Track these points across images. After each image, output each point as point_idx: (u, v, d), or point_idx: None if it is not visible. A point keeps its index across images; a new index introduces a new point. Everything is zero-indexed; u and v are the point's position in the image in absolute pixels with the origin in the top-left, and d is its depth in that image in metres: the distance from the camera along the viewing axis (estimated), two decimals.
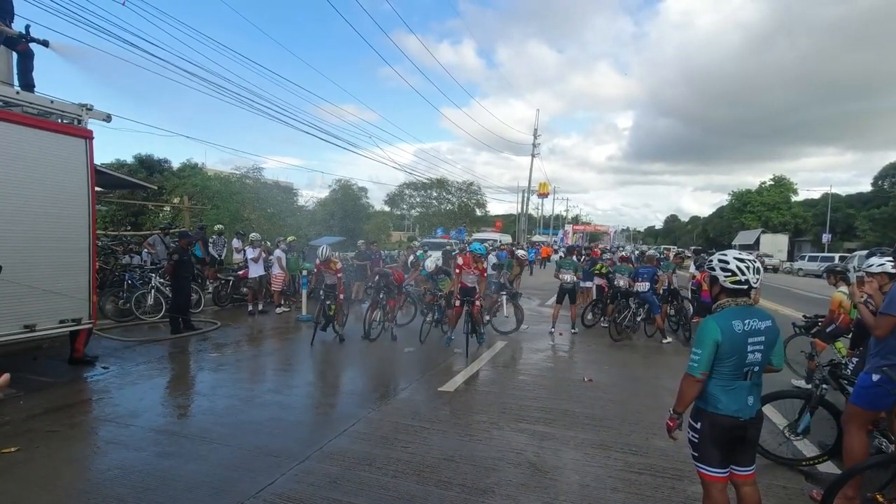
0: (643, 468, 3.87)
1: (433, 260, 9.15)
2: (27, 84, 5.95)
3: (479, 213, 46.49)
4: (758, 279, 2.50)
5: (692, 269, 11.09)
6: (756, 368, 2.47)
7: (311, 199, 29.32)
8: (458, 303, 8.05)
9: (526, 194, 44.28)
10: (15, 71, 6.25)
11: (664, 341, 8.83)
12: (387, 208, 43.54)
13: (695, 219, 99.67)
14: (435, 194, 43.90)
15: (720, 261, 2.55)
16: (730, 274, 2.49)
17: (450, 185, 43.50)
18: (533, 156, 42.27)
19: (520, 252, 13.96)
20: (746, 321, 2.44)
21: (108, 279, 10.37)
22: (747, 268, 2.47)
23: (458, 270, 8.19)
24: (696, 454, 2.57)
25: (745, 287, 2.49)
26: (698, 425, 2.53)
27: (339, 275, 8.18)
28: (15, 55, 6.14)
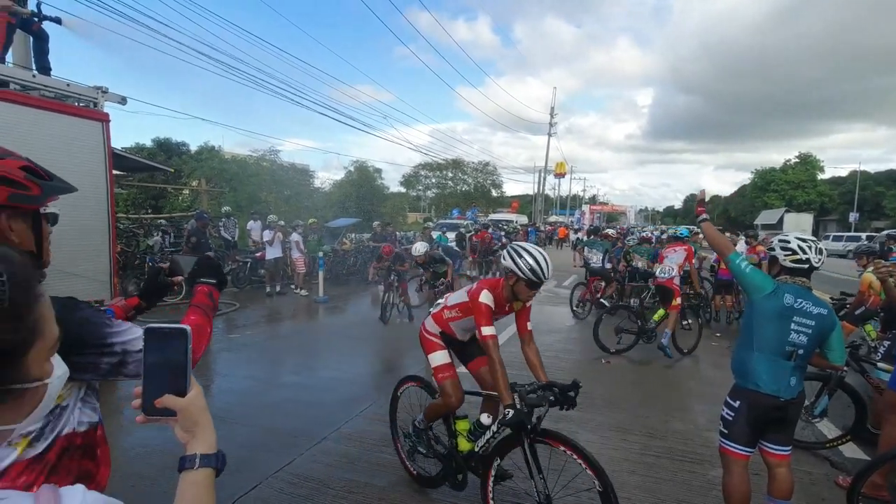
0: (662, 451, 3.82)
1: (423, 245, 7.94)
2: (43, 67, 5.97)
3: (494, 193, 46.17)
4: (820, 259, 2.50)
5: None
6: (801, 352, 2.42)
7: (328, 181, 29.47)
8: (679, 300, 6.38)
9: (542, 174, 43.77)
10: (32, 55, 6.28)
11: (683, 322, 8.68)
12: (402, 189, 43.47)
13: (716, 198, 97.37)
14: (451, 175, 43.70)
15: (781, 240, 2.60)
16: (790, 253, 2.52)
17: (465, 165, 43.24)
18: (550, 135, 41.63)
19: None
20: (798, 300, 2.43)
21: (130, 261, 10.56)
22: (809, 247, 2.50)
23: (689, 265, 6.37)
24: (725, 431, 2.56)
25: (806, 266, 2.49)
26: (737, 404, 2.52)
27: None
28: (31, 39, 6.16)
